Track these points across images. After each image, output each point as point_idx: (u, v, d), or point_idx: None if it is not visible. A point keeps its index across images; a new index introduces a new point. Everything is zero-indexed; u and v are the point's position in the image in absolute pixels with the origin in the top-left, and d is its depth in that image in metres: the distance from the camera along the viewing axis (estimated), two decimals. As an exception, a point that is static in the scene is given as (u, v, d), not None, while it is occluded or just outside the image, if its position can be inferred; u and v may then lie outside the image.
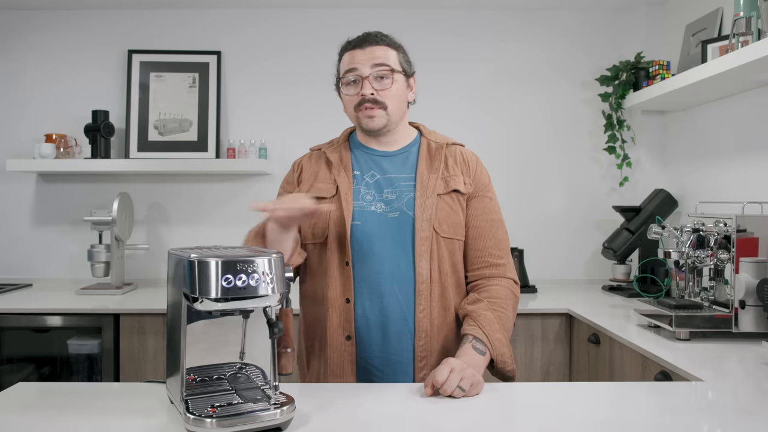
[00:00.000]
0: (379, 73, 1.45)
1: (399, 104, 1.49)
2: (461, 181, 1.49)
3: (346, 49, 1.49)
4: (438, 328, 1.44)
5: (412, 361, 1.42)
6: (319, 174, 1.53)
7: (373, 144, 1.53)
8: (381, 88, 1.45)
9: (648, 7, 3.06)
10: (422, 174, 1.48)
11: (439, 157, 1.50)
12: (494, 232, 1.51)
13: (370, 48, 1.46)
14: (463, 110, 3.05)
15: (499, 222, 1.53)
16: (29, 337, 2.49)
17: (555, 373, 2.42)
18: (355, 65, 1.45)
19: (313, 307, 1.50)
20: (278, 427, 1.05)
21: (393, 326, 1.41)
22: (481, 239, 1.49)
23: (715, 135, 2.61)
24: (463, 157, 1.54)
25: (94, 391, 1.29)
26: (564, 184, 3.09)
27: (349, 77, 1.47)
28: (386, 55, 1.46)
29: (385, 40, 1.48)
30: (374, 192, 1.48)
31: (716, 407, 1.24)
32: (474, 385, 1.24)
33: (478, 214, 1.50)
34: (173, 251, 1.14)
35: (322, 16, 3.08)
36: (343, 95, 1.51)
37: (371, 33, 1.49)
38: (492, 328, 1.40)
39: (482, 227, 1.50)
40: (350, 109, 1.50)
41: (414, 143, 1.55)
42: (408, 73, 1.51)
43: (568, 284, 2.99)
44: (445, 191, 1.47)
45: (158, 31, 3.08)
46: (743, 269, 1.77)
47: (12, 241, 3.07)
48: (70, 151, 2.94)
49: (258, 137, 3.06)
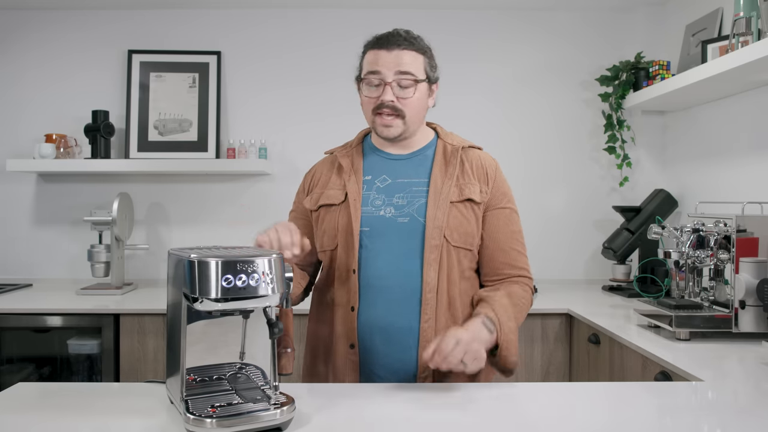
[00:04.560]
0: (403, 80, 1.39)
1: (418, 112, 1.44)
2: (477, 189, 1.44)
3: (372, 46, 1.43)
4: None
5: (415, 370, 1.39)
6: (330, 180, 1.50)
7: (388, 147, 1.50)
8: (403, 96, 1.40)
9: (648, 7, 3.06)
10: (436, 179, 1.43)
11: (454, 161, 1.45)
12: (514, 244, 1.46)
13: (397, 52, 1.39)
14: (462, 110, 3.05)
15: (519, 234, 1.48)
16: (29, 337, 2.49)
17: (555, 373, 2.42)
18: (379, 69, 1.39)
19: (321, 314, 1.49)
20: (278, 427, 1.05)
21: (397, 335, 1.38)
22: (503, 251, 1.45)
23: (715, 135, 2.61)
24: (481, 162, 1.48)
25: (94, 391, 1.29)
26: (564, 184, 3.09)
27: (372, 79, 1.41)
28: (412, 62, 1.40)
29: (413, 44, 1.41)
30: (384, 196, 1.44)
31: (716, 407, 1.24)
32: (477, 360, 1.22)
33: (498, 226, 1.45)
34: (173, 251, 1.14)
35: (322, 15, 3.08)
36: (363, 95, 1.45)
37: (400, 33, 1.42)
38: (505, 313, 1.35)
39: (501, 239, 1.45)
40: (367, 110, 1.44)
41: (429, 146, 1.50)
42: (432, 80, 1.46)
43: (568, 284, 2.99)
44: (458, 199, 1.41)
45: (158, 31, 3.08)
46: (743, 269, 1.77)
47: (12, 241, 3.07)
48: (70, 151, 2.94)
49: (258, 137, 3.06)
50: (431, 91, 1.47)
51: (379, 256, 1.40)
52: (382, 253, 1.40)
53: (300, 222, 1.52)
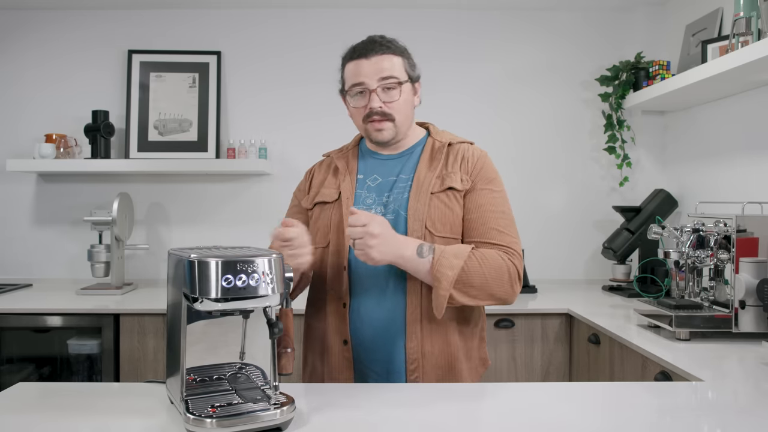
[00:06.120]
0: (387, 84, 1.42)
1: (406, 113, 1.47)
2: (458, 178, 1.43)
3: (351, 57, 1.45)
4: (431, 329, 1.39)
5: (404, 363, 1.39)
6: (326, 180, 1.54)
7: (381, 149, 1.53)
8: (389, 100, 1.43)
9: (648, 7, 3.06)
10: (420, 174, 1.45)
11: (439, 156, 1.48)
12: (495, 223, 1.40)
13: (376, 58, 1.42)
14: (462, 110, 3.06)
15: (502, 214, 1.42)
16: (29, 337, 2.49)
17: (555, 373, 2.42)
18: (362, 79, 1.42)
19: (314, 312, 1.51)
20: (278, 427, 1.05)
21: (386, 329, 1.40)
22: (480, 233, 1.40)
23: (715, 135, 2.61)
24: (465, 153, 1.48)
25: (94, 391, 1.29)
26: (564, 184, 3.09)
27: (356, 90, 1.44)
28: (393, 66, 1.43)
29: (390, 48, 1.44)
30: (375, 195, 1.47)
31: (716, 407, 1.24)
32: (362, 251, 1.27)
33: (477, 206, 1.42)
34: (173, 251, 1.14)
35: (322, 15, 3.08)
36: (350, 107, 1.48)
37: (375, 39, 1.45)
38: (453, 252, 1.32)
39: (479, 219, 1.40)
40: (358, 120, 1.48)
41: (419, 144, 1.53)
42: (414, 79, 1.49)
43: (568, 284, 2.99)
44: (439, 189, 1.42)
45: (158, 31, 3.08)
46: (743, 269, 1.77)
47: (12, 241, 3.07)
48: (70, 151, 2.94)
49: (258, 137, 3.06)
50: (415, 90, 1.50)
51: None
52: None
53: (298, 217, 1.54)
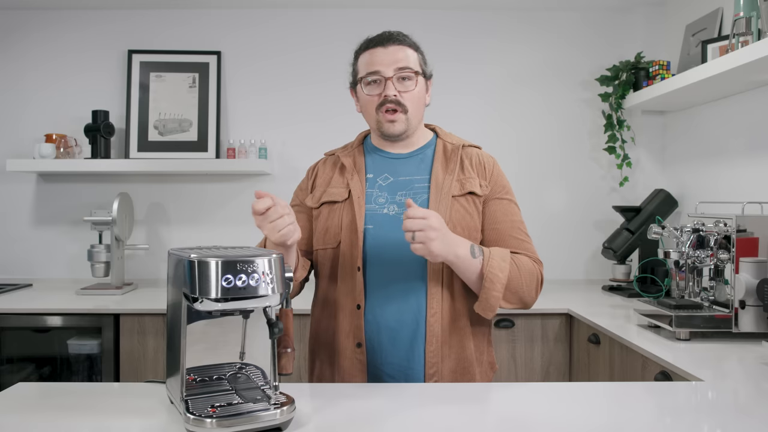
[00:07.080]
0: (402, 74, 1.42)
1: (418, 108, 1.47)
2: (477, 183, 1.45)
3: (367, 47, 1.46)
4: (449, 333, 1.39)
5: (423, 367, 1.38)
6: (333, 179, 1.50)
7: (388, 147, 1.51)
8: (404, 90, 1.43)
9: (648, 7, 3.06)
10: (437, 175, 1.45)
11: (455, 158, 1.47)
12: (515, 232, 1.45)
13: (393, 48, 1.43)
14: (462, 110, 3.06)
15: (521, 223, 1.48)
16: (29, 337, 2.49)
17: (555, 373, 2.42)
18: (378, 66, 1.42)
19: (324, 314, 1.47)
20: (278, 427, 1.05)
21: (403, 332, 1.38)
22: (503, 241, 1.44)
23: (715, 135, 2.61)
24: (480, 159, 1.50)
25: (94, 391, 1.29)
26: (564, 184, 3.09)
27: (371, 78, 1.43)
28: (408, 57, 1.43)
29: (406, 41, 1.46)
30: (387, 194, 1.45)
31: (716, 407, 1.24)
32: (423, 244, 1.26)
33: (498, 216, 1.45)
34: (173, 251, 1.14)
35: (322, 15, 3.08)
36: (364, 95, 1.46)
37: (393, 32, 1.46)
38: (499, 255, 1.36)
39: (503, 229, 1.45)
40: (370, 109, 1.45)
41: (429, 145, 1.52)
42: (427, 76, 1.49)
43: (568, 284, 2.99)
44: (460, 193, 1.43)
45: (158, 31, 3.08)
46: (743, 269, 1.77)
47: (12, 241, 3.07)
48: (70, 151, 2.94)
49: (258, 137, 3.06)
50: (427, 88, 1.51)
51: (384, 253, 1.40)
52: (386, 251, 1.40)
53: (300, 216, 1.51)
